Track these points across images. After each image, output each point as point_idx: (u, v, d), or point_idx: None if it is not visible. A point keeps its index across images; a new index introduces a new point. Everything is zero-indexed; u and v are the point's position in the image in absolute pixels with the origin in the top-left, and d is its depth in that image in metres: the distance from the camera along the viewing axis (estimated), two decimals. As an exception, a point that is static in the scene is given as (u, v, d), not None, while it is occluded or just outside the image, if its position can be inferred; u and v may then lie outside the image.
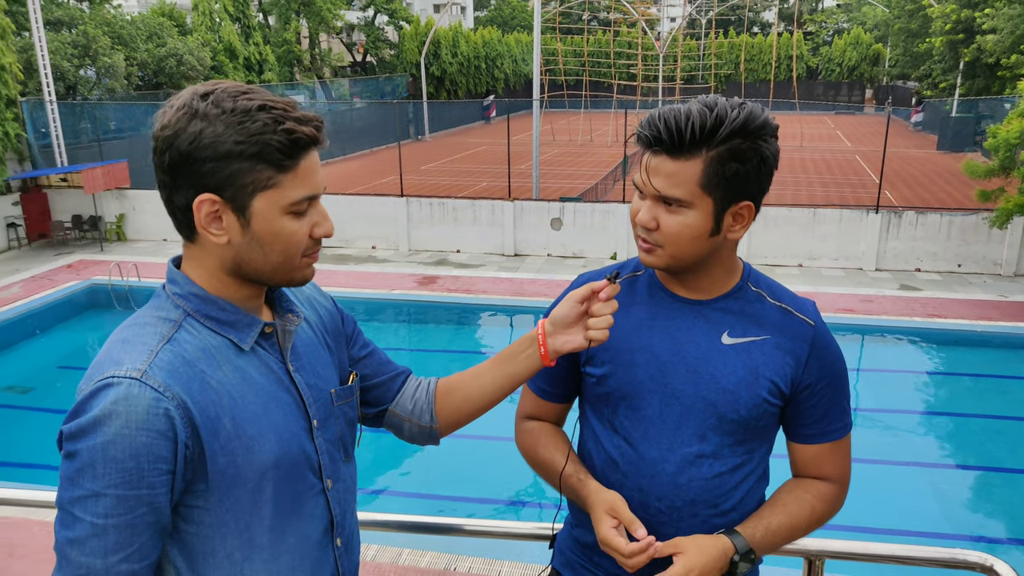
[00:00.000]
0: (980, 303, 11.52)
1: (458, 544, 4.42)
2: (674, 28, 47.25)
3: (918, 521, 6.69)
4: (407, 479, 7.55)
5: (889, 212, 13.67)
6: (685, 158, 1.30)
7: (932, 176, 21.89)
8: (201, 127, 1.07)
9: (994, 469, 7.71)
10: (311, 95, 33.70)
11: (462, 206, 15.51)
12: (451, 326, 12.12)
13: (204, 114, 1.08)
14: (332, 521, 1.29)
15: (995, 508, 7.10)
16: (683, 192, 1.31)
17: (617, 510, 1.39)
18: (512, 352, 1.42)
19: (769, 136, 1.33)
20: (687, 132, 1.28)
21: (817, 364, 1.43)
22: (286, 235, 1.14)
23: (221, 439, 1.10)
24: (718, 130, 1.28)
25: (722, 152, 1.29)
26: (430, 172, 23.97)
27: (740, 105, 1.31)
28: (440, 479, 7.30)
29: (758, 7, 60.28)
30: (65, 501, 1.05)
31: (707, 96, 1.35)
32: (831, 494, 1.49)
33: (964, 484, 7.58)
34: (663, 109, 1.32)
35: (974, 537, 6.52)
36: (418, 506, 6.95)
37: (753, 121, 1.30)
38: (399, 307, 12.51)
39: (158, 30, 25.29)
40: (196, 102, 1.09)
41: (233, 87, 1.12)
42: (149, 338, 1.11)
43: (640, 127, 1.34)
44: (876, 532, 6.38)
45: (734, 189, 1.33)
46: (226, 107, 1.08)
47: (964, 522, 6.78)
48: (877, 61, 47.53)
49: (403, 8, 41.22)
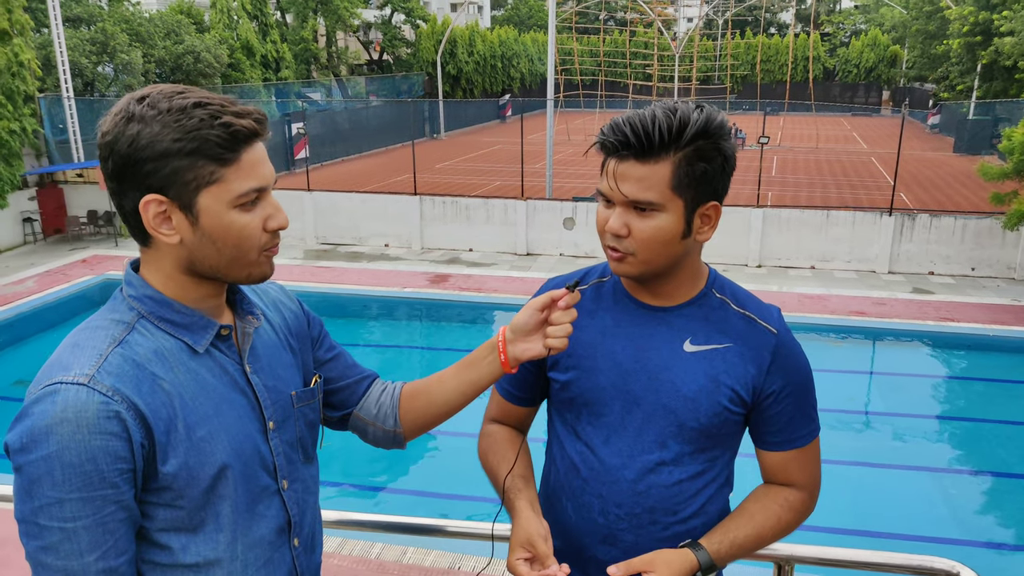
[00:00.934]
0: (993, 307, 11.42)
1: (463, 543, 4.44)
2: (691, 28, 47.08)
3: (928, 527, 6.65)
4: (409, 478, 7.59)
5: (903, 215, 13.57)
6: (654, 161, 1.31)
7: (948, 179, 21.70)
8: (138, 129, 1.09)
9: (1006, 475, 7.65)
10: (327, 93, 33.86)
11: (475, 205, 15.54)
12: (462, 324, 12.15)
13: (140, 116, 1.10)
14: (289, 522, 1.29)
15: (1005, 515, 7.05)
16: (655, 195, 1.31)
17: (534, 544, 1.38)
18: (474, 359, 1.43)
19: (727, 136, 1.35)
20: (655, 135, 1.29)
21: (780, 372, 1.43)
22: (237, 229, 1.15)
23: (173, 440, 1.11)
24: (684, 132, 1.29)
25: (689, 153, 1.31)
26: (445, 171, 24.03)
27: (698, 107, 1.32)
28: (443, 478, 7.33)
29: (775, 8, 59.91)
30: (27, 513, 1.05)
31: (664, 100, 1.36)
32: (798, 501, 1.49)
33: (977, 489, 7.52)
34: (625, 115, 1.33)
35: (982, 543, 6.47)
36: (422, 504, 6.98)
37: (713, 122, 1.32)
38: (411, 305, 12.56)
39: (176, 27, 25.49)
40: (132, 106, 1.11)
41: (169, 88, 1.13)
42: (99, 342, 1.11)
43: (603, 134, 1.34)
44: (881, 536, 6.35)
45: (702, 189, 1.34)
46: (162, 107, 1.10)
47: (975, 528, 6.74)
48: (894, 63, 47.14)
49: (420, 7, 41.32)
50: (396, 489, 7.40)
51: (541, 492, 1.60)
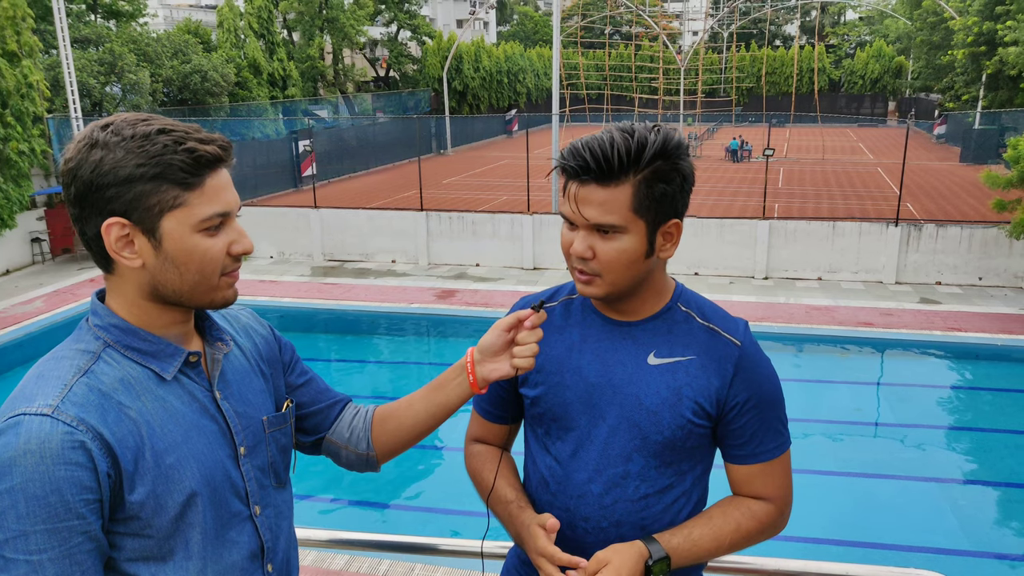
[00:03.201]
0: (1002, 316, 11.35)
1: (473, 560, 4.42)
2: (696, 42, 47.25)
3: (941, 539, 6.59)
4: (405, 495, 7.57)
5: (909, 225, 13.54)
6: (615, 184, 1.32)
7: (955, 189, 21.63)
8: (101, 155, 1.10)
9: (1016, 485, 7.58)
10: (334, 110, 34.10)
11: (481, 220, 15.59)
12: (470, 340, 12.12)
13: (104, 143, 1.11)
14: (263, 547, 1.29)
15: (1019, 526, 6.98)
16: (617, 218, 1.33)
17: (548, 528, 1.40)
18: (442, 381, 1.44)
19: (684, 155, 1.36)
20: (614, 159, 1.30)
21: (743, 384, 1.43)
22: (200, 253, 1.16)
23: (140, 469, 1.11)
24: (642, 154, 1.31)
25: (647, 175, 1.33)
26: (452, 186, 24.12)
27: (654, 128, 1.34)
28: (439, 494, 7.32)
29: (780, 20, 60.09)
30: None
31: (620, 123, 1.37)
32: (763, 513, 1.48)
33: (988, 500, 7.45)
34: (584, 140, 1.35)
35: (992, 555, 6.41)
36: (427, 522, 6.96)
37: (670, 142, 1.33)
38: (418, 321, 12.58)
39: (183, 47, 25.77)
40: (96, 133, 1.12)
41: (133, 116, 1.15)
42: (64, 372, 1.11)
43: (563, 158, 1.35)
44: (891, 548, 6.30)
45: (662, 209, 1.36)
46: (125, 134, 1.11)
47: (985, 540, 6.67)
48: (900, 74, 47.15)
49: (426, 24, 41.64)
50: (399, 507, 7.39)
51: None
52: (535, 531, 1.42)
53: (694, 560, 1.45)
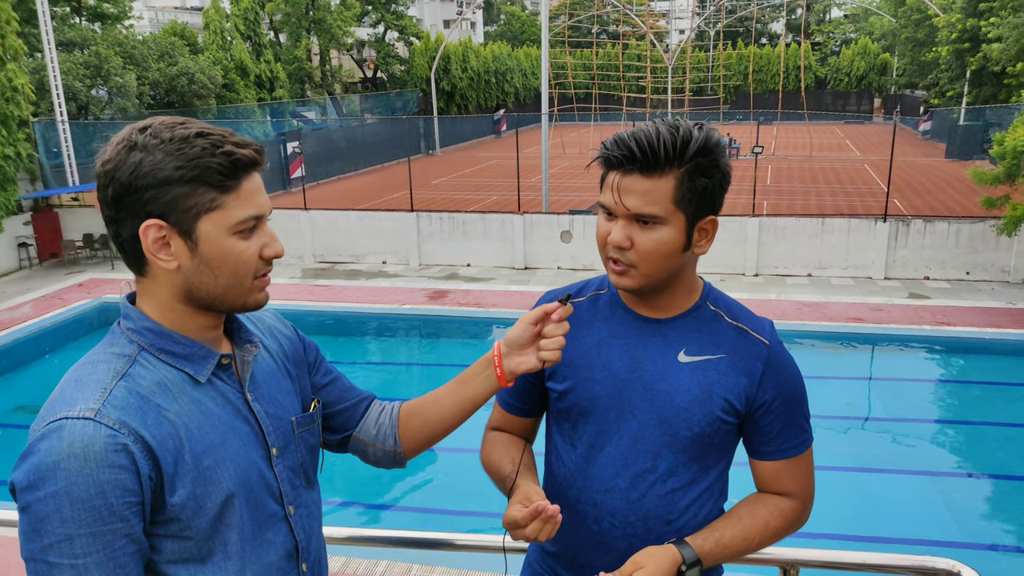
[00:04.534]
0: (989, 310, 11.45)
1: (468, 559, 4.42)
2: (683, 40, 47.40)
3: (929, 530, 6.64)
4: (413, 495, 7.57)
5: (897, 221, 13.64)
6: (658, 176, 1.34)
7: (941, 184, 21.81)
8: (140, 157, 1.11)
9: (1005, 477, 7.66)
10: (322, 111, 34.00)
11: (472, 220, 15.59)
12: (462, 340, 12.16)
13: (143, 145, 1.12)
14: (297, 547, 1.31)
15: (1008, 517, 7.04)
16: (659, 208, 1.35)
17: (529, 498, 1.39)
18: (469, 375, 1.45)
19: (723, 153, 1.39)
20: (660, 150, 1.32)
21: (772, 383, 1.45)
22: (235, 256, 1.17)
23: (180, 471, 1.12)
24: (687, 148, 1.33)
25: (690, 169, 1.35)
26: (441, 187, 24.10)
27: (697, 125, 1.37)
28: (445, 494, 7.32)
29: (766, 19, 60.37)
30: (36, 552, 1.04)
31: (663, 118, 1.40)
32: (788, 509, 1.51)
33: (976, 492, 7.52)
34: (629, 131, 1.37)
35: (982, 545, 6.47)
36: (425, 521, 6.96)
37: (711, 139, 1.36)
38: (410, 322, 12.57)
39: (169, 49, 25.63)
40: (135, 135, 1.13)
41: (171, 120, 1.16)
42: (102, 376, 1.12)
43: (607, 148, 1.37)
44: (882, 541, 6.35)
45: (702, 203, 1.38)
46: (164, 137, 1.12)
47: (975, 531, 6.73)
48: (885, 70, 47.47)
49: (413, 24, 41.60)
50: (401, 507, 7.38)
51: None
52: (514, 500, 1.40)
53: (724, 561, 1.48)
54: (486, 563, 4.37)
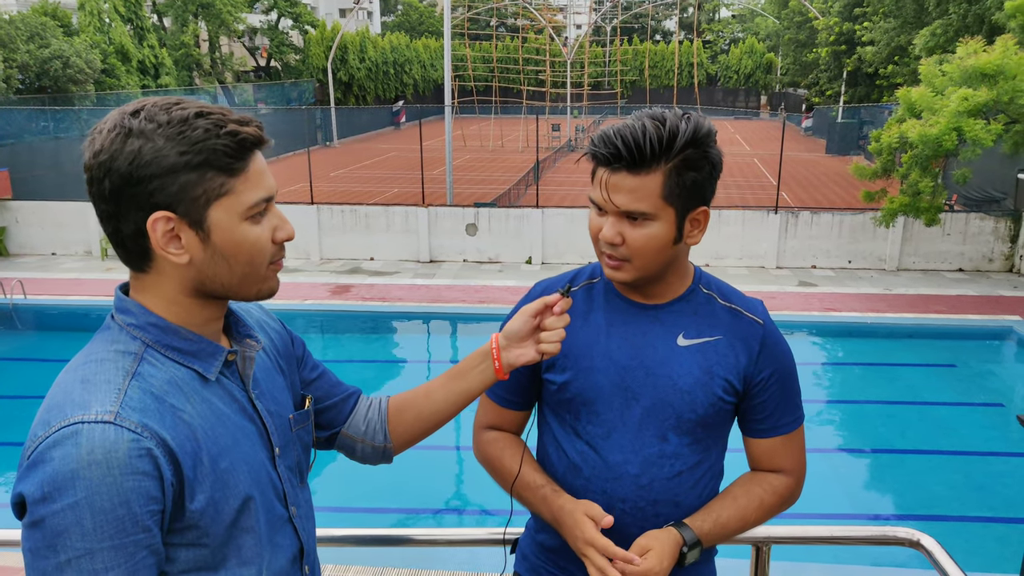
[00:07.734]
0: (869, 296, 12.25)
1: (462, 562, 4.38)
2: (580, 35, 48.18)
3: (828, 504, 7.05)
4: (362, 494, 7.38)
5: (787, 212, 14.36)
6: (645, 172, 1.34)
7: (822, 178, 23.12)
8: (139, 144, 1.02)
9: (887, 451, 8.22)
10: (212, 100, 32.61)
11: (375, 213, 15.35)
12: (367, 335, 11.96)
13: (140, 131, 1.02)
14: (301, 549, 1.26)
15: (887, 487, 7.57)
16: (647, 205, 1.35)
17: (595, 518, 1.42)
18: (463, 368, 1.43)
19: (713, 143, 1.39)
20: (646, 147, 1.32)
21: (768, 360, 1.51)
22: (250, 243, 1.10)
23: (199, 476, 1.05)
24: (673, 142, 1.33)
25: (678, 163, 1.35)
26: (340, 179, 23.59)
27: (684, 116, 1.36)
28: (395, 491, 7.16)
29: (660, 16, 62.18)
30: (49, 570, 0.95)
31: (651, 110, 1.39)
32: (783, 486, 1.57)
33: (860, 467, 8.04)
34: (616, 127, 1.36)
35: (871, 515, 6.93)
36: (378, 521, 6.78)
37: (700, 130, 1.36)
38: (312, 317, 12.25)
39: (40, 30, 23.94)
40: (127, 120, 1.03)
41: (163, 100, 1.07)
42: (111, 375, 1.02)
43: (594, 145, 1.37)
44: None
45: (692, 196, 1.39)
46: (161, 120, 1.03)
47: (864, 501, 7.20)
48: (770, 69, 49.84)
49: (308, 12, 40.46)
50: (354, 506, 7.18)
51: None
52: (581, 519, 1.43)
53: (722, 540, 1.53)
54: (486, 564, 4.31)
